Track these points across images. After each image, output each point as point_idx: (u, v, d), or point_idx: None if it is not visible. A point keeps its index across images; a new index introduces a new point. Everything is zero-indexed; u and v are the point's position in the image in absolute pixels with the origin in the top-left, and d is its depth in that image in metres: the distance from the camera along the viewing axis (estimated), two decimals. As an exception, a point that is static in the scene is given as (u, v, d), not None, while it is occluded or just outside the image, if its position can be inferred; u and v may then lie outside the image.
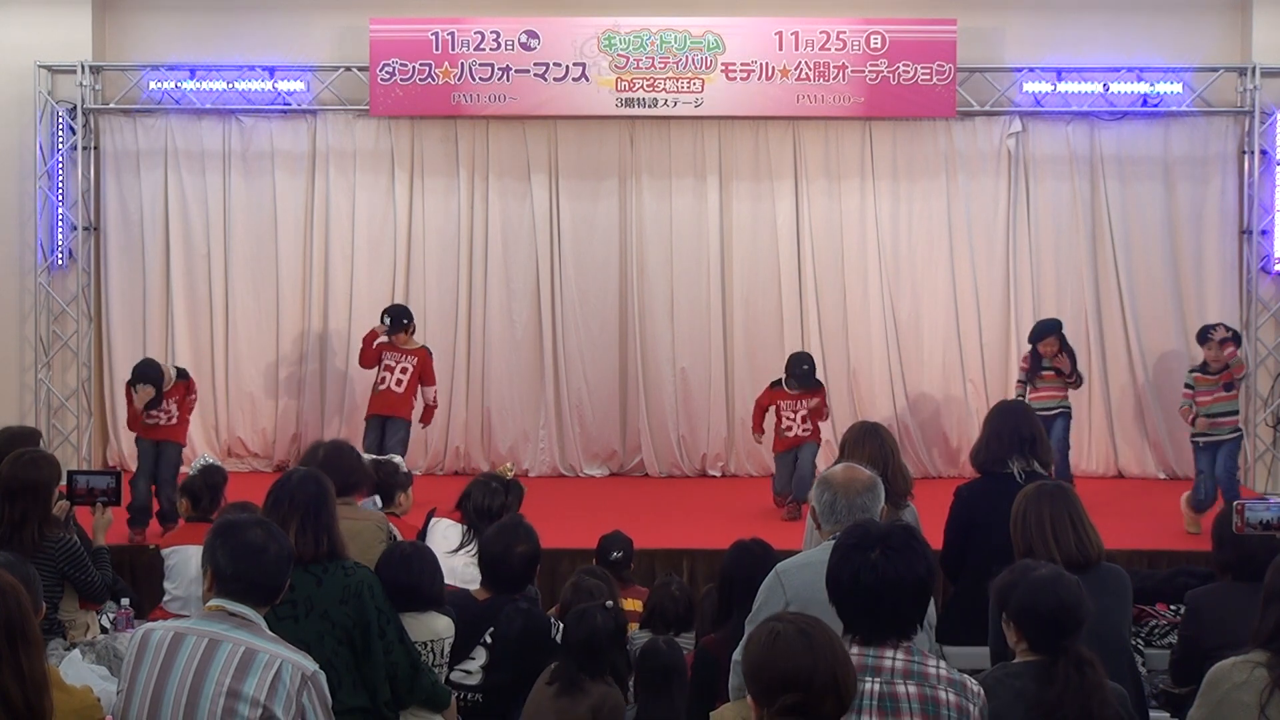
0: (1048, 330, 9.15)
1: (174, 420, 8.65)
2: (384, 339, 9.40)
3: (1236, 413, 8.68)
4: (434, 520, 6.26)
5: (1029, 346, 9.22)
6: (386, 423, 9.37)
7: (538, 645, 4.83)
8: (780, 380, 9.23)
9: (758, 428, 9.34)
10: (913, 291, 10.41)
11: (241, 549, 3.43)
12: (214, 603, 3.44)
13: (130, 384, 8.52)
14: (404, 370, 9.38)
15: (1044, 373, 9.06)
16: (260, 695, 3.29)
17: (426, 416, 9.65)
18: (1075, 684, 3.50)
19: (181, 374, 8.79)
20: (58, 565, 5.37)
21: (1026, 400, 8.72)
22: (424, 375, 9.49)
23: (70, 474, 5.86)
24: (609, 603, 4.88)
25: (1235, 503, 4.51)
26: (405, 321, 9.42)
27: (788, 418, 9.11)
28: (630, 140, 10.41)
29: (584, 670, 4.50)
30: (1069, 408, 9.13)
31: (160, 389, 8.44)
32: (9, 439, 6.36)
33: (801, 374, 9.08)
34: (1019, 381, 9.28)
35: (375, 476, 6.35)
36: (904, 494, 5.25)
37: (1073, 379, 9.06)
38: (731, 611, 4.84)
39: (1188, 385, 8.73)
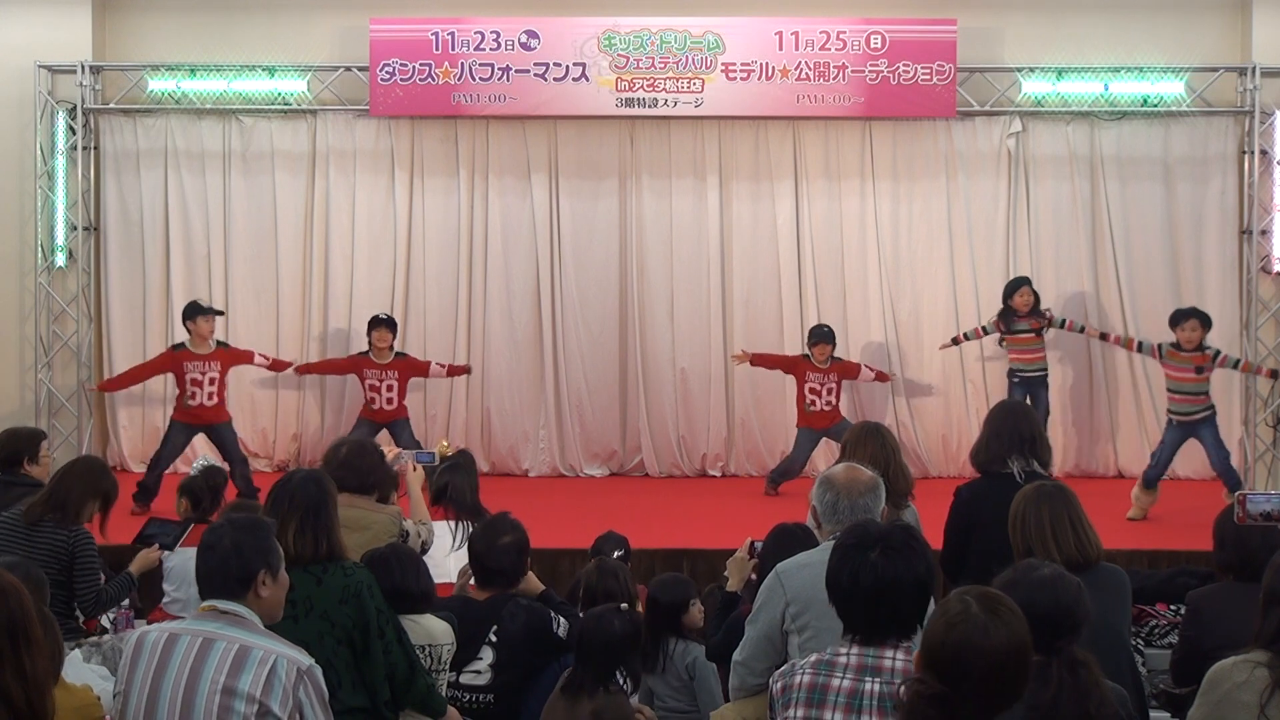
0: (1020, 281, 9.56)
1: (215, 400, 9.07)
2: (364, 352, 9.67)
3: (1206, 393, 8.83)
4: None
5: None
6: (389, 426, 9.55)
7: (540, 641, 4.82)
8: (807, 355, 9.65)
9: (762, 359, 9.78)
10: (913, 291, 10.42)
11: (201, 551, 3.53)
12: (206, 603, 3.49)
13: (190, 316, 9.10)
14: (389, 387, 9.56)
15: (1021, 335, 9.44)
16: (256, 691, 3.31)
17: (457, 370, 10.05)
18: (1069, 685, 3.50)
19: (221, 343, 9.31)
20: (70, 546, 5.53)
21: (1006, 358, 9.55)
22: (416, 372, 9.74)
23: (151, 520, 6.40)
24: (623, 605, 4.76)
25: (1236, 494, 4.51)
26: (383, 319, 9.68)
27: (812, 391, 9.46)
28: (630, 140, 10.41)
29: (599, 676, 4.41)
30: (1047, 369, 9.56)
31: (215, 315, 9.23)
32: (14, 437, 6.42)
33: (821, 333, 9.56)
34: (978, 333, 9.77)
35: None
36: (904, 494, 5.25)
37: (1048, 323, 9.54)
38: None
39: (1159, 347, 8.95)
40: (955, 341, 9.98)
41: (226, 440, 9.10)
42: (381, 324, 9.56)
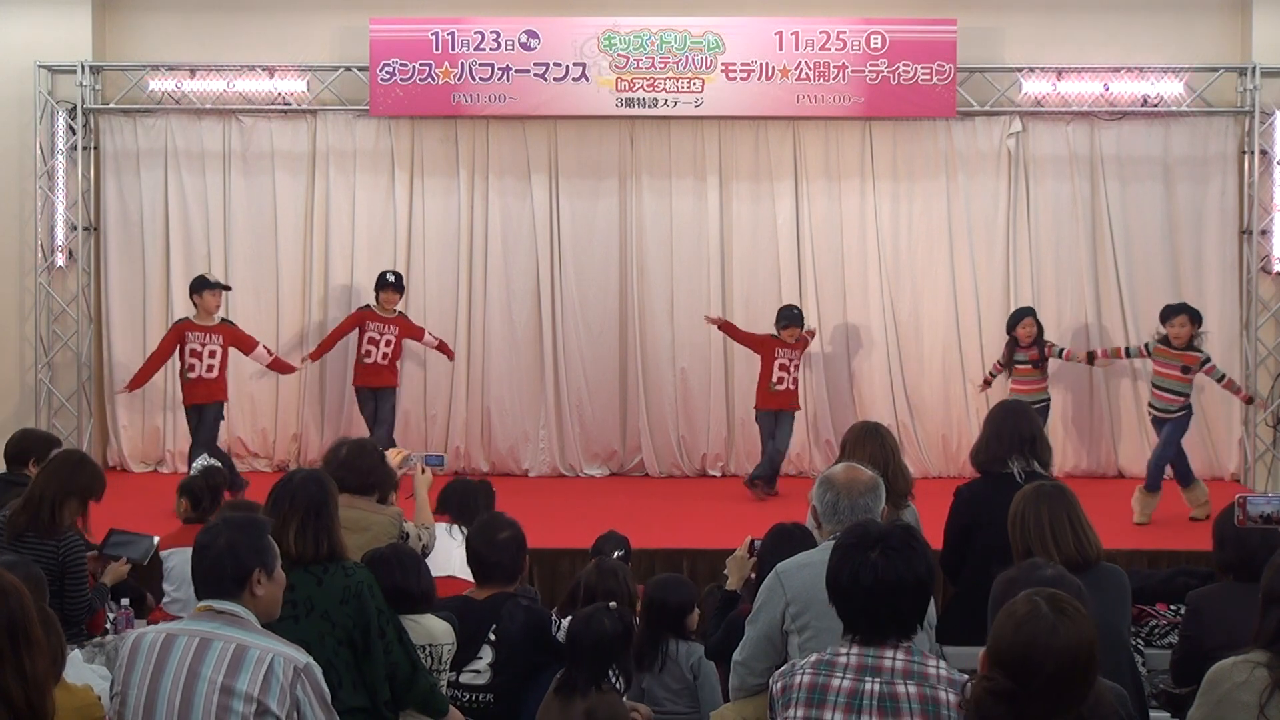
0: (1025, 312, 9.51)
1: (215, 374, 9.12)
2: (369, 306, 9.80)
3: (1187, 394, 8.83)
4: None
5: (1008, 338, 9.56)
6: (377, 394, 9.72)
7: (539, 641, 4.83)
8: (775, 335, 9.68)
9: (731, 329, 9.79)
10: (913, 291, 10.42)
11: (196, 551, 3.53)
12: (202, 603, 3.50)
13: (197, 290, 9.18)
14: (388, 342, 9.69)
15: (1020, 365, 9.39)
16: (254, 690, 3.33)
17: (444, 349, 10.09)
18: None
19: (226, 320, 9.41)
20: (60, 557, 5.43)
21: (1008, 388, 9.35)
22: (411, 333, 9.85)
23: (113, 531, 6.11)
24: (612, 604, 4.78)
25: (1237, 497, 4.51)
26: (392, 280, 9.77)
27: (781, 367, 9.56)
28: (630, 140, 10.41)
29: (591, 675, 4.42)
30: (1049, 400, 9.47)
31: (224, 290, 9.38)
32: (26, 438, 6.42)
33: (791, 315, 9.59)
34: (997, 368, 9.62)
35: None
36: (904, 494, 5.26)
37: (1048, 356, 9.45)
38: None
39: (1146, 345, 9.04)
40: (986, 383, 9.73)
41: (206, 419, 9.13)
42: (390, 286, 9.70)
